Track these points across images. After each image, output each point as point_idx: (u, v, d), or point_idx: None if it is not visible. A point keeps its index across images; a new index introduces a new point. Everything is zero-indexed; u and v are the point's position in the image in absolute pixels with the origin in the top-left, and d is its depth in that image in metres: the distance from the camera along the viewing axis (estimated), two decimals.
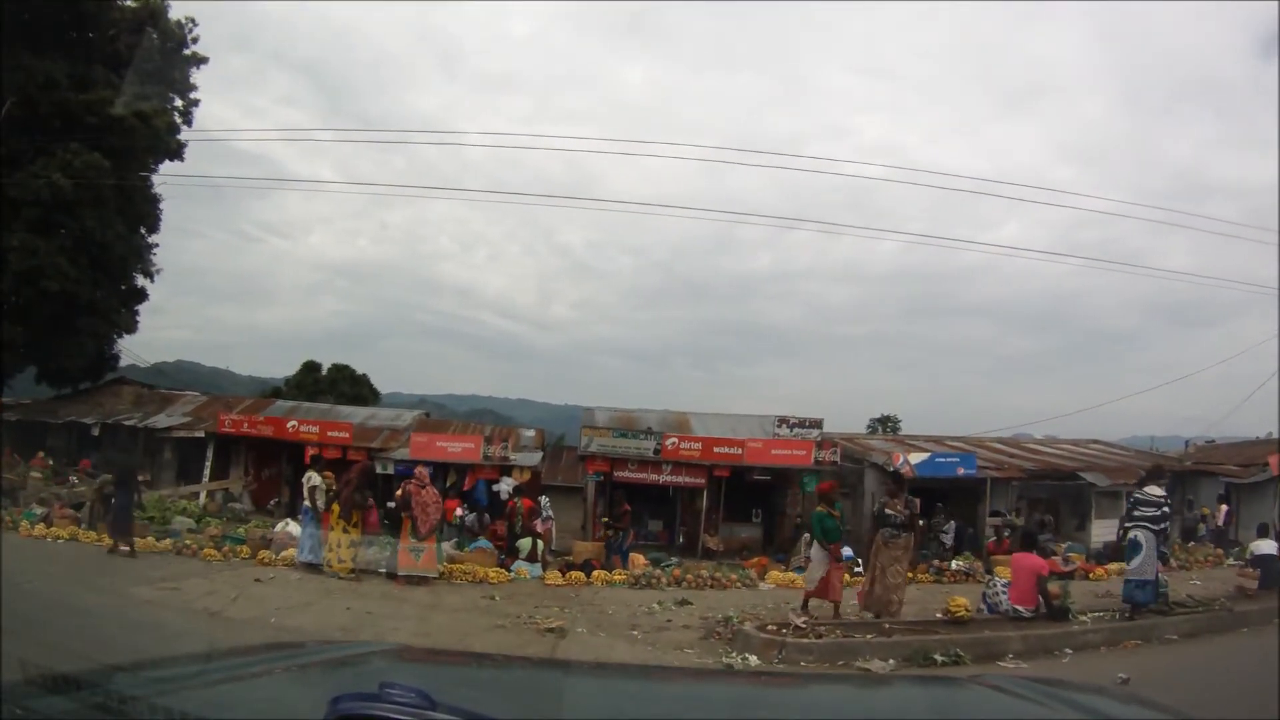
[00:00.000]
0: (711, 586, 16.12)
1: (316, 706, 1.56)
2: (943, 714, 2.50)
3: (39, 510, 18.35)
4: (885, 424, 46.71)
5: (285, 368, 49.60)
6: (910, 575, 14.02)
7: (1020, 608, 12.16)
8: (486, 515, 20.79)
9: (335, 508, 15.27)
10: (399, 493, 15.65)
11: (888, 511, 12.64)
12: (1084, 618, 12.27)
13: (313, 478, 16.26)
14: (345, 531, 15.09)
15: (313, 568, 15.10)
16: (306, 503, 15.99)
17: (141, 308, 32.02)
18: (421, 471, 16.16)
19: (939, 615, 12.28)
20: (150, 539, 16.82)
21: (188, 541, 16.62)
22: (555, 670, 3.77)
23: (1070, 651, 10.80)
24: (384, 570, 15.15)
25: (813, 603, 12.42)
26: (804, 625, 10.96)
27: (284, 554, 15.89)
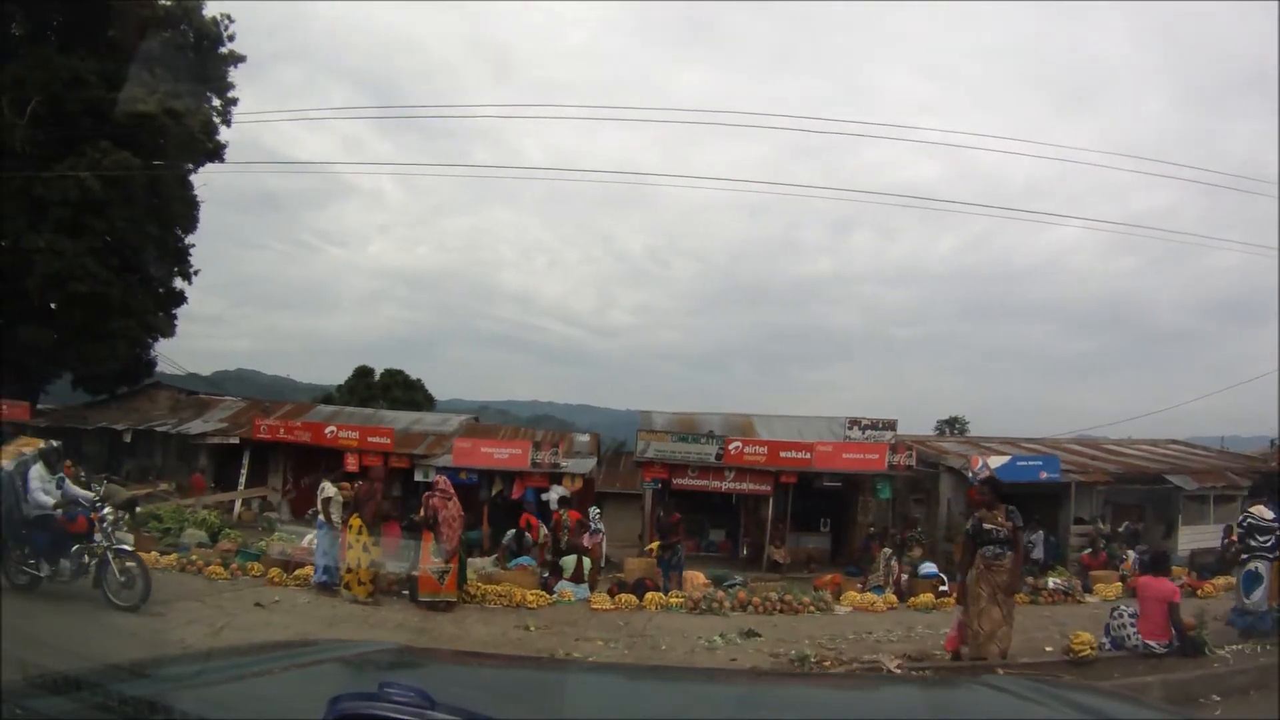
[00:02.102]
0: (781, 611, 14.03)
1: (316, 706, 1.49)
2: (943, 714, 2.46)
3: None
4: (953, 425, 44.85)
5: (346, 375, 49.13)
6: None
7: (1152, 643, 10.38)
8: (527, 535, 19.16)
9: (354, 522, 13.49)
10: (421, 509, 13.71)
11: (986, 526, 10.14)
12: (1222, 651, 10.51)
13: (326, 488, 14.56)
14: (366, 550, 13.34)
15: (327, 589, 13.49)
16: (320, 516, 14.34)
17: (197, 315, 31.43)
18: (444, 481, 14.28)
19: (1048, 650, 10.61)
20: (154, 554, 15.20)
21: (194, 557, 15.06)
22: (556, 670, 3.71)
23: (1218, 698, 8.96)
24: (406, 593, 13.52)
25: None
26: (899, 670, 9.31)
27: (298, 572, 14.32)
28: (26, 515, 10.67)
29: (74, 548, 10.62)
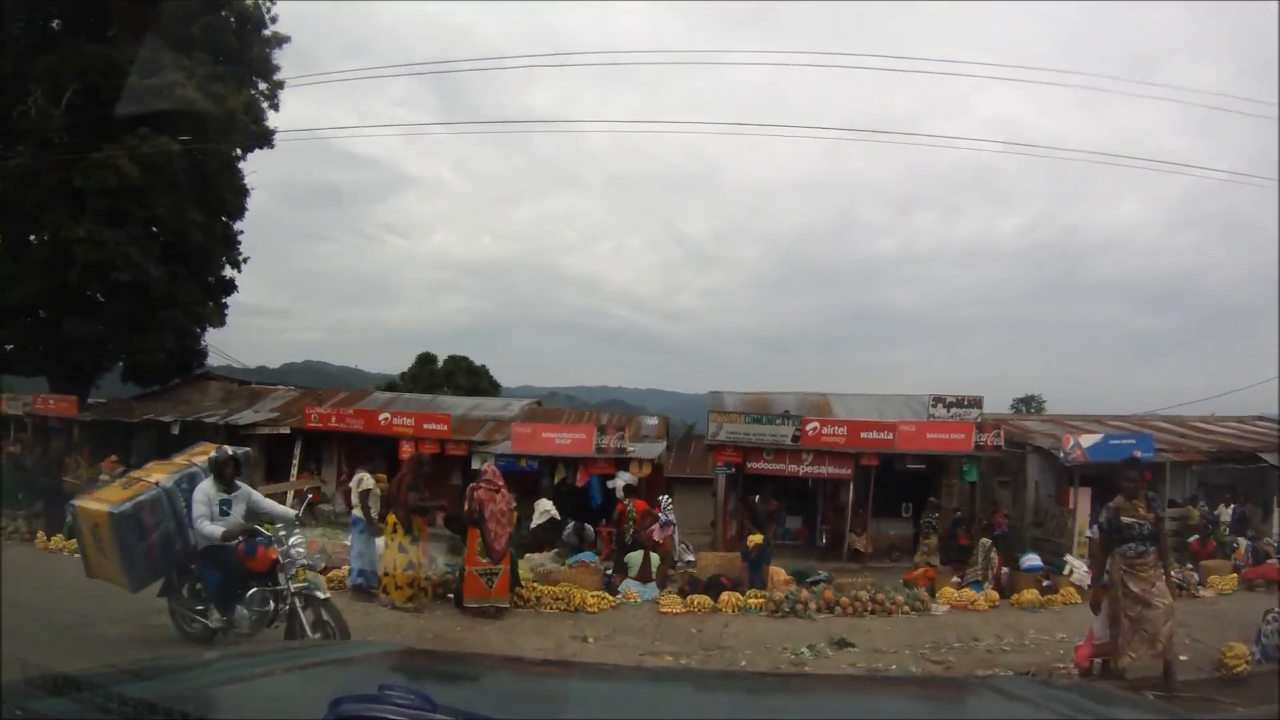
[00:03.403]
0: (872, 612, 12.75)
1: (316, 707, 1.49)
2: (943, 714, 2.48)
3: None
4: (1029, 404, 43.22)
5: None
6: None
7: None
8: (588, 526, 17.87)
9: (391, 518, 11.98)
10: (466, 503, 12.14)
11: (1125, 519, 8.59)
12: None
13: (364, 480, 13.12)
14: (401, 550, 11.85)
15: (363, 593, 12.22)
16: (356, 511, 12.98)
17: (265, 309, 31.18)
18: (491, 470, 12.75)
19: (1183, 659, 9.06)
20: None
21: None
22: (556, 671, 3.67)
23: None
24: (451, 597, 12.16)
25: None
26: None
27: (332, 574, 13.08)
28: (194, 546, 8.35)
29: (251, 591, 8.01)
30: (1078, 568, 15.52)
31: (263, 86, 29.98)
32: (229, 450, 8.62)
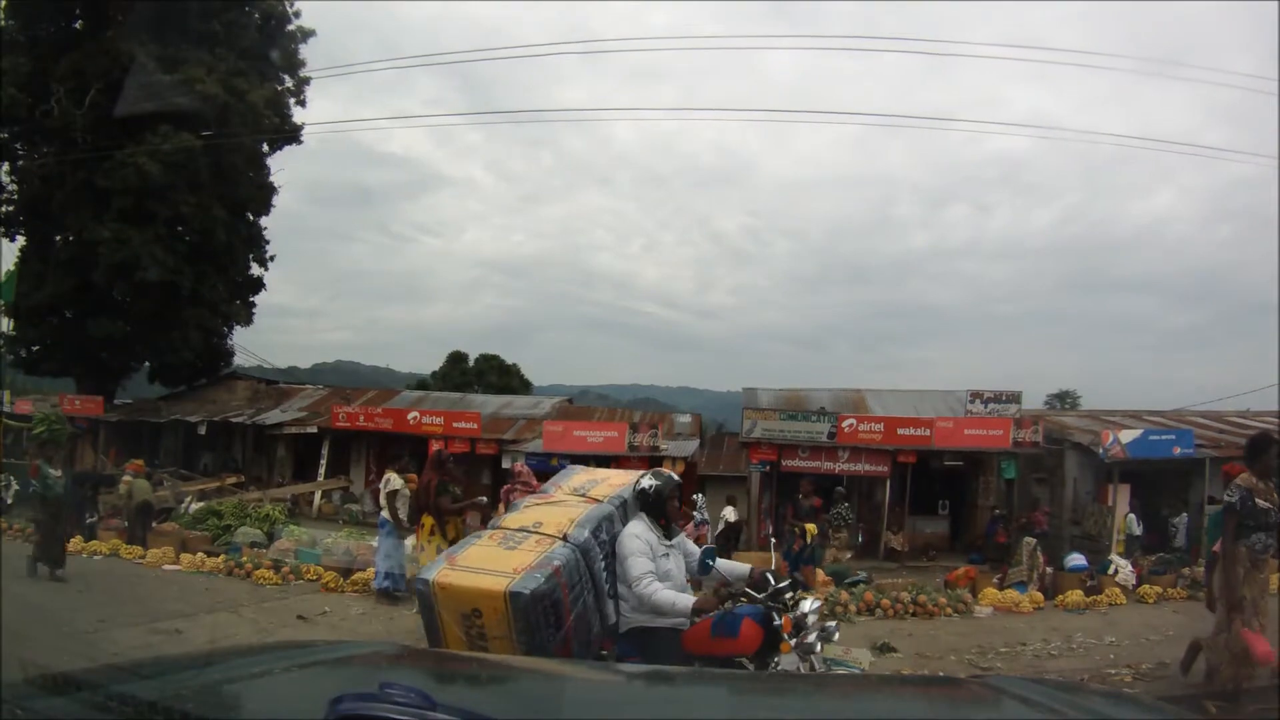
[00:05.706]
0: (914, 614, 12.17)
1: (316, 706, 1.47)
2: (943, 714, 2.45)
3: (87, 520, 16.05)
4: (1064, 400, 42.71)
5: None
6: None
7: None
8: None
9: (426, 521, 11.13)
10: (501, 506, 11.02)
11: (1260, 503, 7.00)
12: None
13: (391, 480, 12.66)
14: (440, 551, 11.00)
15: (389, 596, 11.66)
16: (384, 513, 12.44)
17: (296, 310, 31.11)
18: (524, 470, 11.96)
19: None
20: (199, 556, 13.92)
21: (244, 559, 13.43)
22: (555, 670, 3.21)
23: None
24: None
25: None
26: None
27: (356, 577, 12.62)
28: (615, 623, 5.18)
29: None
30: (1123, 567, 15.18)
31: (288, 82, 29.82)
32: (673, 476, 5.51)
